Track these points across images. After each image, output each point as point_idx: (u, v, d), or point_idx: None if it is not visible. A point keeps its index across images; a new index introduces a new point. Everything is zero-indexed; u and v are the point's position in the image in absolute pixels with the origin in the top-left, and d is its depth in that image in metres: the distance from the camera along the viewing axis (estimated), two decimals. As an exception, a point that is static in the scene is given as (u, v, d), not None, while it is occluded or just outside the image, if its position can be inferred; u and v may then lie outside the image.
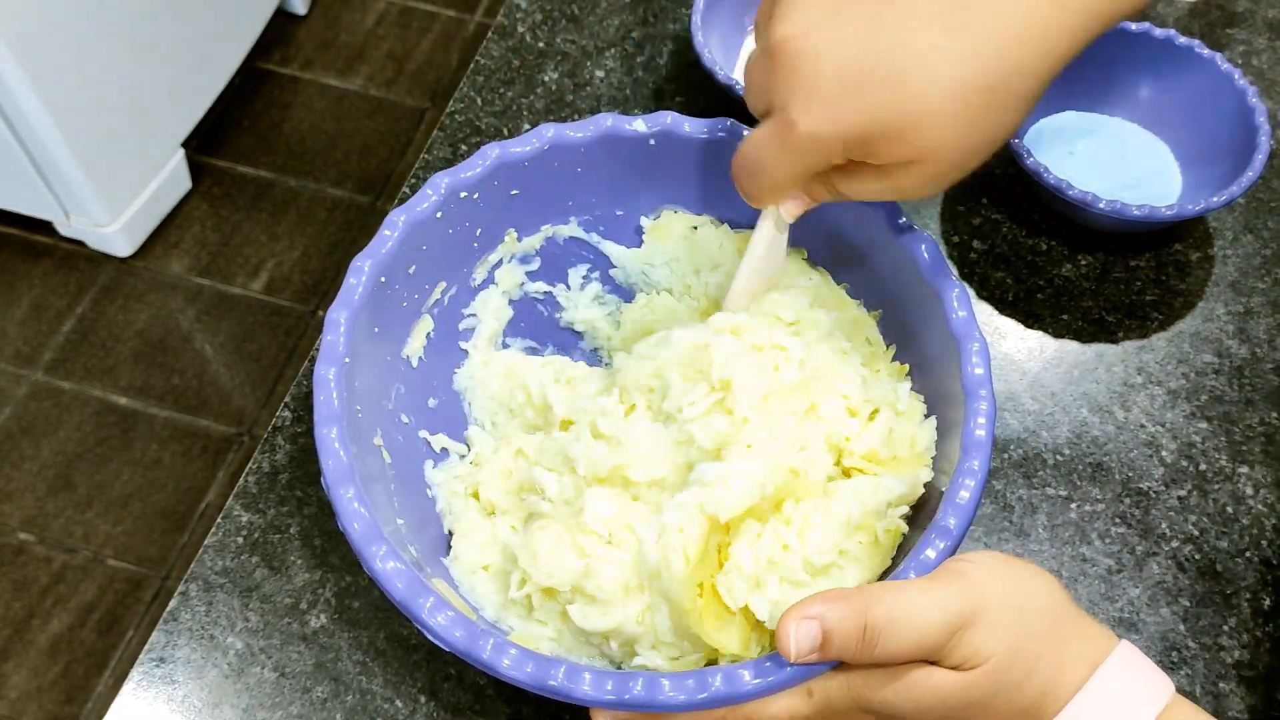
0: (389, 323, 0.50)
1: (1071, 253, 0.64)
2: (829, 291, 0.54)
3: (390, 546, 0.42)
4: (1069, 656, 0.39)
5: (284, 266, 1.52)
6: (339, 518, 0.42)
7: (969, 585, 0.39)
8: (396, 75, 1.72)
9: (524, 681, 0.39)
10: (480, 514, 0.51)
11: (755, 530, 0.45)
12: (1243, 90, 0.62)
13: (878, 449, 0.47)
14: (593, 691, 0.39)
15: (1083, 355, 0.61)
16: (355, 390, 0.46)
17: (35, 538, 1.31)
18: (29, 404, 1.41)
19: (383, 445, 0.49)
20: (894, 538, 0.46)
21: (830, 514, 0.45)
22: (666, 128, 0.52)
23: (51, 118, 1.27)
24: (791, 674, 0.39)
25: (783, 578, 0.44)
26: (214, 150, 1.62)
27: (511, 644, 0.40)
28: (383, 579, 0.41)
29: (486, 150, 0.51)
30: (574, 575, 0.45)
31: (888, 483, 0.46)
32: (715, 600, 0.44)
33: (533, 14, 0.74)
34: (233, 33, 1.57)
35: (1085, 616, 0.41)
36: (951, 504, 0.42)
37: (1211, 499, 0.56)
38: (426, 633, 0.41)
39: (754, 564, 0.44)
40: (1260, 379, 0.60)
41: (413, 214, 0.49)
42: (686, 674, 0.39)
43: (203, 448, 1.38)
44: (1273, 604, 0.53)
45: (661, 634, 0.45)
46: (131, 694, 0.50)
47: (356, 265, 0.47)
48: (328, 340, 0.46)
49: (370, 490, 0.44)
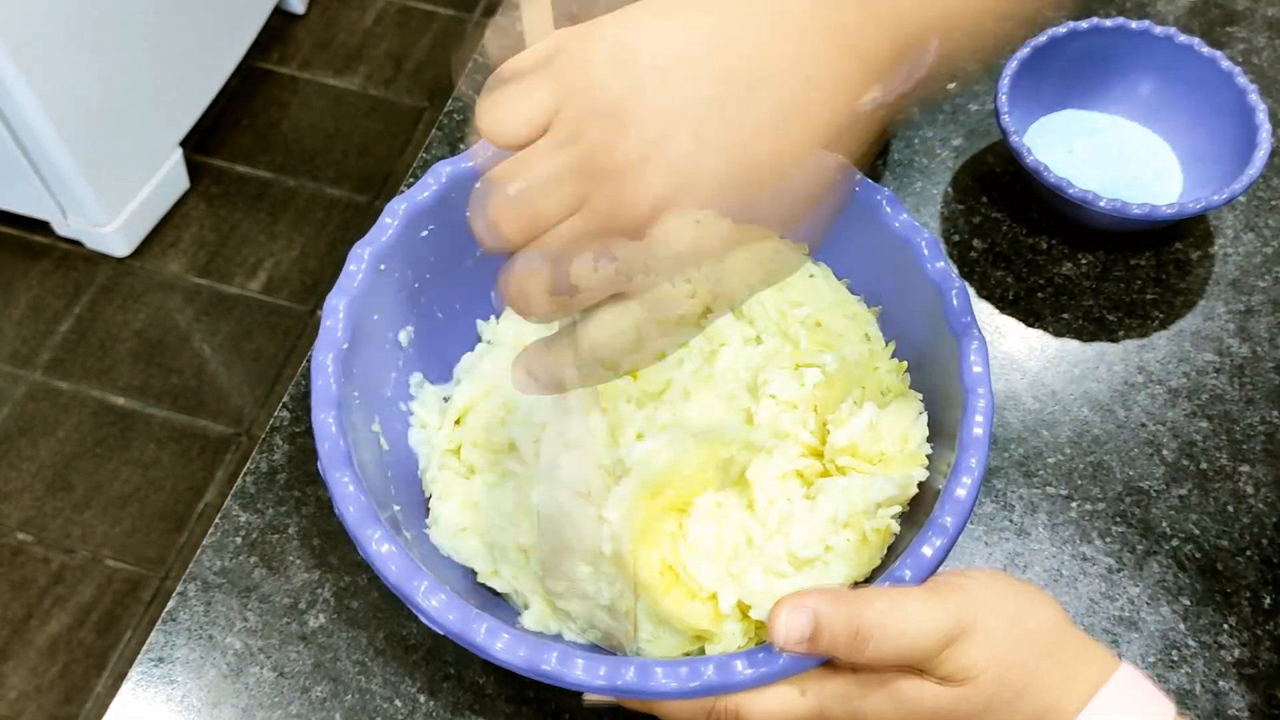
0: (388, 310, 0.50)
1: (1072, 251, 0.64)
2: (830, 286, 0.54)
3: (385, 530, 0.42)
4: (1068, 679, 0.39)
5: (282, 266, 1.52)
6: (334, 502, 0.42)
7: (964, 599, 0.39)
8: (395, 74, 1.72)
9: (517, 665, 0.40)
10: (459, 475, 0.51)
11: (714, 503, 0.46)
12: (1243, 88, 0.62)
13: (859, 442, 0.47)
14: (585, 677, 0.39)
15: (1083, 354, 0.61)
16: (353, 376, 0.46)
17: (34, 538, 1.31)
18: (27, 404, 1.40)
19: (380, 432, 0.49)
20: (884, 537, 0.46)
21: (816, 509, 0.45)
22: None
23: (49, 117, 1.27)
24: (784, 666, 0.39)
25: (765, 568, 0.45)
26: (212, 149, 1.62)
27: (505, 627, 0.40)
28: (377, 562, 0.41)
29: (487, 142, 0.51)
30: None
31: (878, 483, 0.46)
32: (673, 578, 0.45)
33: (531, 12, 0.73)
34: (231, 32, 1.57)
35: (1085, 638, 0.41)
36: (949, 501, 0.42)
37: (1212, 498, 0.56)
38: (420, 615, 0.41)
39: (717, 546, 0.45)
40: (1261, 378, 0.60)
41: (413, 203, 0.49)
42: (679, 662, 0.39)
43: (201, 448, 1.38)
44: (1273, 602, 0.53)
45: (631, 611, 0.45)
46: (130, 694, 0.50)
47: (356, 253, 0.48)
48: (326, 326, 0.46)
49: (367, 476, 0.44)
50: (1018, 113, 0.64)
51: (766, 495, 0.46)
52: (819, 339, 0.52)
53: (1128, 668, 0.40)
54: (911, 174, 0.67)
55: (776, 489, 0.47)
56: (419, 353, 0.53)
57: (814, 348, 0.51)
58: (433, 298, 0.53)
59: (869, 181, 0.51)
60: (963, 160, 0.68)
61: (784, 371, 0.50)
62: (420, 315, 0.53)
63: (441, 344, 0.55)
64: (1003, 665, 0.39)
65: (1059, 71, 0.65)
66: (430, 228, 0.50)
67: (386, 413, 0.50)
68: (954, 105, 0.70)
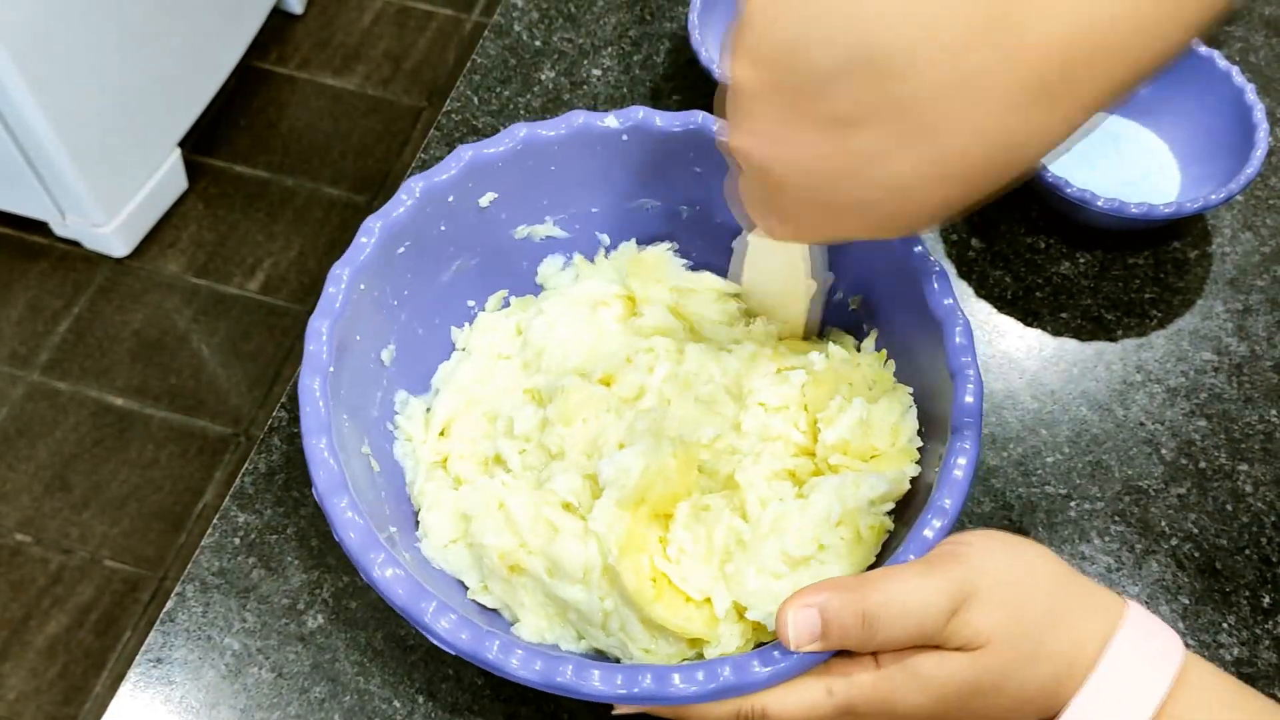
0: (370, 330, 0.50)
1: (1070, 250, 0.64)
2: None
3: (388, 554, 0.41)
4: (1081, 629, 0.39)
5: (280, 266, 1.52)
6: (334, 528, 0.42)
7: (963, 567, 0.39)
8: (393, 74, 1.72)
9: (533, 680, 0.39)
10: (447, 487, 0.51)
11: (700, 506, 0.46)
12: (1240, 87, 0.62)
13: (849, 439, 0.47)
14: (602, 686, 0.39)
15: (1082, 353, 0.61)
16: (341, 399, 0.46)
17: (32, 539, 1.31)
18: (25, 405, 1.40)
19: (370, 453, 0.49)
20: (878, 534, 0.46)
21: (809, 507, 0.45)
22: (638, 122, 0.52)
23: (47, 117, 1.27)
24: (799, 661, 0.39)
25: (760, 568, 0.45)
26: (210, 150, 1.62)
27: (518, 643, 0.40)
28: (383, 587, 0.41)
29: (460, 152, 0.50)
30: (541, 542, 0.46)
31: (871, 479, 0.46)
32: (664, 584, 0.45)
33: (529, 13, 0.73)
34: (229, 32, 1.57)
35: (1089, 584, 0.41)
36: (947, 482, 0.43)
37: (1211, 497, 0.56)
38: (430, 637, 0.41)
39: (707, 549, 0.45)
40: (1259, 376, 0.60)
41: (389, 220, 0.49)
42: (695, 665, 0.39)
43: (199, 448, 1.38)
44: (1272, 602, 0.53)
45: (627, 624, 0.45)
46: (129, 695, 0.50)
47: (335, 274, 0.47)
48: (311, 350, 0.45)
49: (363, 498, 0.44)
50: (1016, 112, 0.64)
51: (757, 495, 0.46)
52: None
53: (1135, 607, 0.40)
54: (910, 173, 0.67)
55: (767, 489, 0.47)
56: (400, 370, 0.52)
57: (791, 350, 0.51)
58: (412, 314, 0.52)
59: None
60: (961, 159, 0.68)
61: (768, 378, 0.50)
62: (400, 331, 0.52)
63: (423, 359, 0.54)
64: (1012, 624, 0.39)
65: (1057, 71, 0.65)
66: (406, 244, 0.50)
67: (374, 433, 0.50)
68: (952, 104, 0.70)
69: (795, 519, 0.45)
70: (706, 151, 0.52)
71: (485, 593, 0.48)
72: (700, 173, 0.53)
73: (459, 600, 0.48)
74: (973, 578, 0.39)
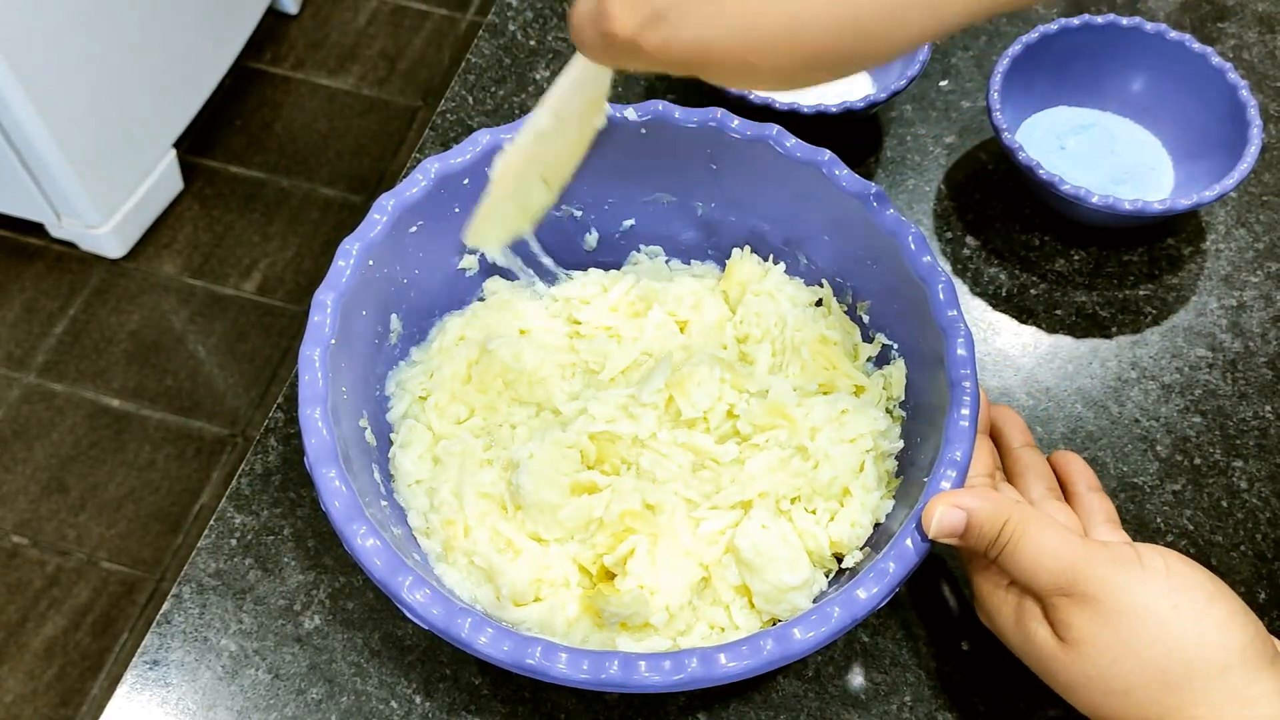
0: (376, 306, 0.50)
1: (1064, 248, 0.64)
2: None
3: (370, 525, 0.42)
4: (1201, 710, 0.38)
5: (277, 267, 1.52)
6: (320, 497, 0.42)
7: (1101, 568, 0.40)
8: (388, 74, 1.72)
9: (502, 660, 0.40)
10: (424, 426, 0.52)
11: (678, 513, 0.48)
12: (1234, 84, 0.62)
13: (830, 425, 0.50)
14: (568, 670, 0.39)
15: (1076, 350, 0.61)
16: (341, 372, 0.46)
17: (29, 541, 1.31)
18: (21, 407, 1.40)
19: (368, 428, 0.49)
20: (888, 477, 0.49)
21: (842, 434, 0.49)
22: (658, 115, 0.52)
23: (42, 119, 1.27)
24: (770, 657, 0.39)
25: (805, 507, 0.48)
26: (206, 150, 1.62)
27: (488, 622, 0.40)
28: (362, 556, 0.41)
29: (477, 136, 0.51)
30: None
31: (870, 411, 0.49)
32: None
33: (524, 12, 0.73)
34: (224, 32, 1.57)
35: (1252, 672, 0.38)
36: (953, 433, 0.44)
37: (1206, 493, 0.56)
38: (404, 610, 0.41)
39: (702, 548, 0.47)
40: (1253, 372, 0.60)
41: (402, 199, 0.49)
42: (662, 655, 0.39)
43: (196, 449, 1.38)
44: (1268, 597, 0.53)
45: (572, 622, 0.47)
46: (126, 697, 0.50)
47: (345, 248, 0.48)
48: (314, 321, 0.46)
49: (354, 472, 0.44)
50: (1010, 110, 0.64)
51: (772, 498, 0.49)
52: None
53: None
54: (904, 171, 0.67)
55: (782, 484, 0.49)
56: (405, 349, 0.53)
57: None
58: (421, 293, 0.53)
59: (857, 177, 0.51)
60: (955, 157, 0.68)
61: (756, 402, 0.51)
62: (408, 311, 0.53)
63: (428, 339, 0.55)
64: (1108, 655, 0.39)
65: (1051, 68, 0.65)
66: (419, 223, 0.50)
67: (373, 408, 0.50)
68: (946, 102, 0.70)
69: (833, 455, 0.49)
70: (724, 149, 0.53)
71: (426, 535, 0.49)
72: (716, 170, 0.54)
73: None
74: (1098, 584, 0.39)
